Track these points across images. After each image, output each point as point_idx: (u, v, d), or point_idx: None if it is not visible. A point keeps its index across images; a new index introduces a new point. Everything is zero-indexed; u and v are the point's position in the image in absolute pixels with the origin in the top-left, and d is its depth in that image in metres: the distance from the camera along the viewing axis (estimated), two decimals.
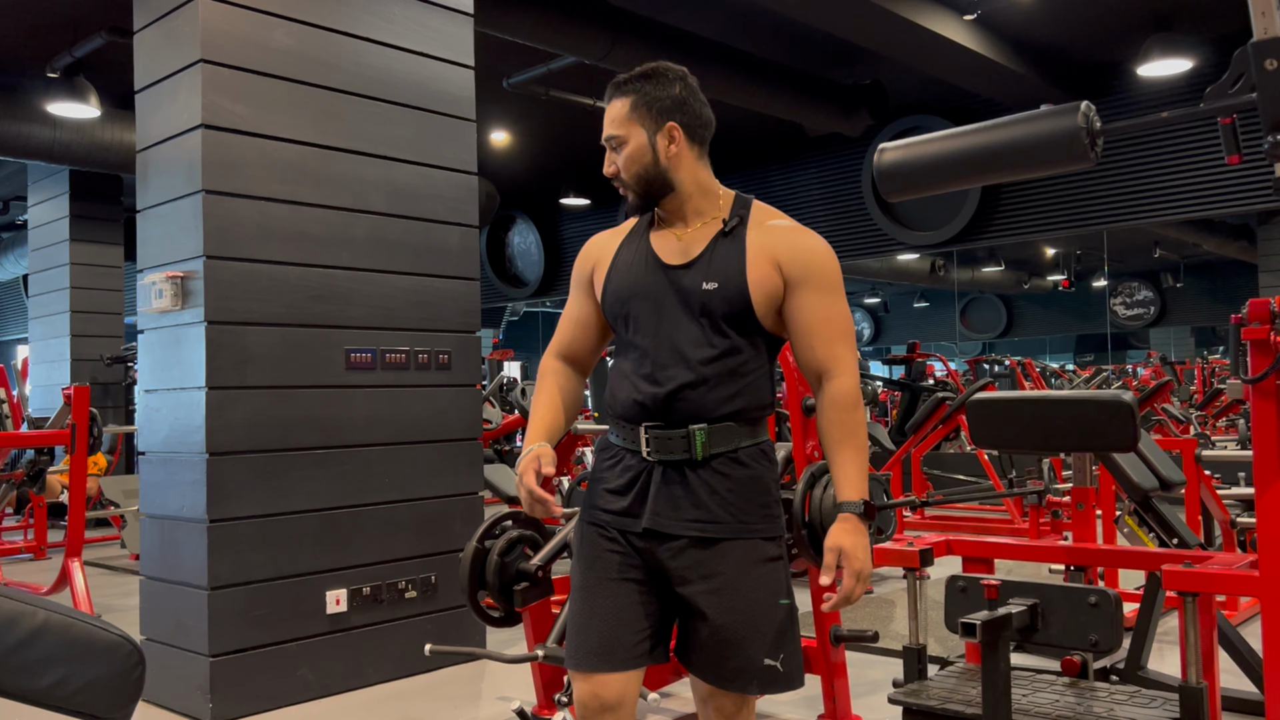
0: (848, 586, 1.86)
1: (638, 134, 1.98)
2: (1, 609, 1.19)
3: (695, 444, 1.93)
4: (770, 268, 1.94)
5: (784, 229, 2.00)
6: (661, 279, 2.00)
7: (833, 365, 1.94)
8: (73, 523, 5.50)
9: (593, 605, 1.99)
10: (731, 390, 1.95)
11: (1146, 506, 3.81)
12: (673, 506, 1.95)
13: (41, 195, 10.26)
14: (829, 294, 1.95)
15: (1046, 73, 8.41)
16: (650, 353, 1.97)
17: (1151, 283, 19.04)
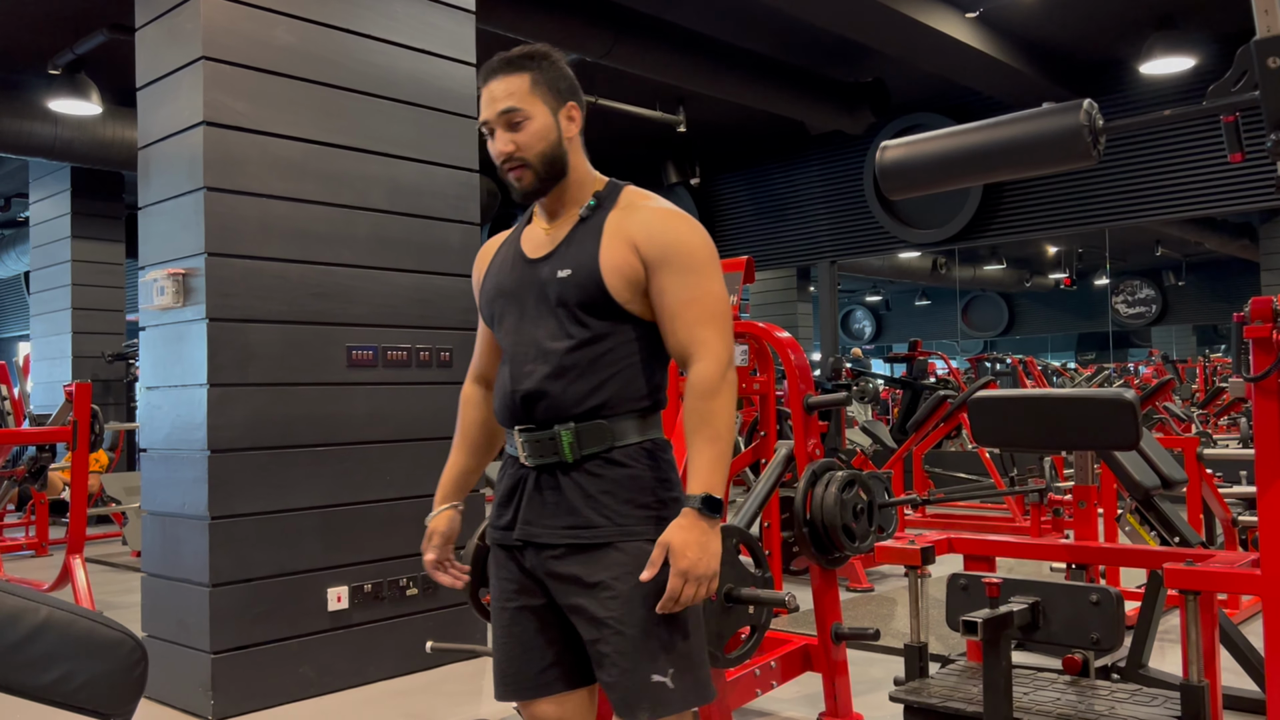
0: (673, 586, 1.71)
1: (542, 111, 1.87)
2: (4, 605, 1.19)
3: (562, 445, 1.82)
4: (627, 250, 1.82)
5: (645, 209, 1.88)
6: (524, 274, 1.91)
7: (694, 349, 1.80)
8: (74, 519, 5.51)
9: (496, 634, 1.96)
10: (594, 383, 1.82)
11: (1148, 505, 3.81)
12: (544, 513, 1.84)
13: (43, 192, 10.27)
14: (691, 274, 1.80)
15: (1048, 70, 8.41)
16: (513, 352, 1.89)
17: (1153, 281, 19.03)
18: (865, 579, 5.74)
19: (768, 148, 11.05)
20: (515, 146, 1.87)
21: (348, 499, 4.03)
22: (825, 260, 11.11)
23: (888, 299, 23.60)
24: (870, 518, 3.44)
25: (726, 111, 9.37)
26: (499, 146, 1.88)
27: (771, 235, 11.21)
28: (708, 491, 1.74)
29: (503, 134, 1.87)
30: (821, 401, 3.54)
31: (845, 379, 8.60)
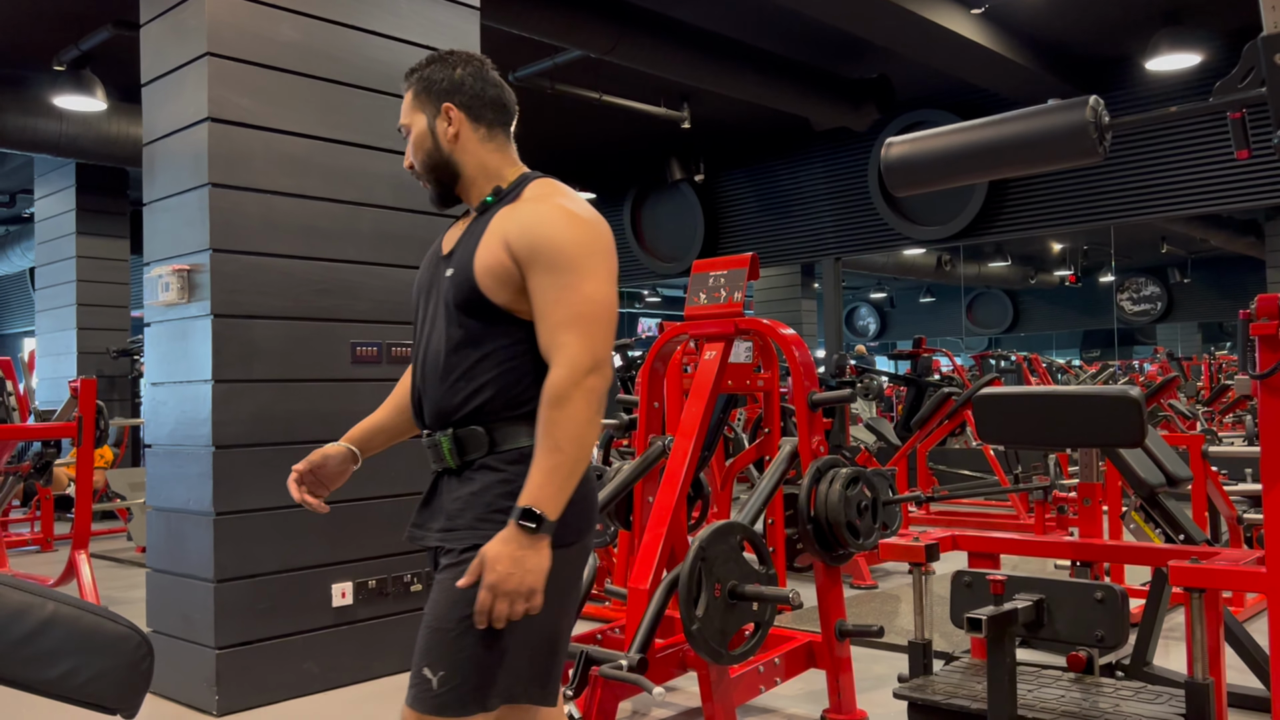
0: (481, 600, 1.64)
1: (419, 119, 1.90)
2: (11, 600, 1.19)
3: (443, 451, 1.79)
4: (500, 247, 1.76)
5: (527, 205, 1.81)
6: (434, 273, 1.91)
7: (552, 354, 1.70)
8: (79, 515, 5.52)
9: None
10: (473, 386, 1.76)
11: (1153, 502, 3.80)
12: (428, 515, 1.85)
13: (48, 188, 10.28)
14: (559, 273, 1.71)
15: (1054, 67, 8.39)
16: (416, 354, 1.88)
17: (1159, 278, 19.00)
18: (869, 576, 5.74)
19: (772, 144, 11.04)
20: (409, 160, 1.93)
21: (352, 495, 4.03)
22: (830, 257, 11.10)
23: (892, 296, 23.58)
24: (874, 515, 3.44)
25: (731, 108, 9.37)
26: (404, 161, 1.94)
27: (776, 232, 11.20)
28: (532, 505, 1.64)
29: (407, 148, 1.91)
30: (826, 398, 3.54)
31: (849, 376, 8.60)
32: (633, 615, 3.13)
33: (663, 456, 3.62)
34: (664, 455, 3.60)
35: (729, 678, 3.17)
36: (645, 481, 3.70)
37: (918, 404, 8.34)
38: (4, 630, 1.18)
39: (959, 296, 21.22)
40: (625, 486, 3.69)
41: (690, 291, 3.70)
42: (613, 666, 2.93)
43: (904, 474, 7.53)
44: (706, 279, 3.67)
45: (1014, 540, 2.85)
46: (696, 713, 3.55)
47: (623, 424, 5.33)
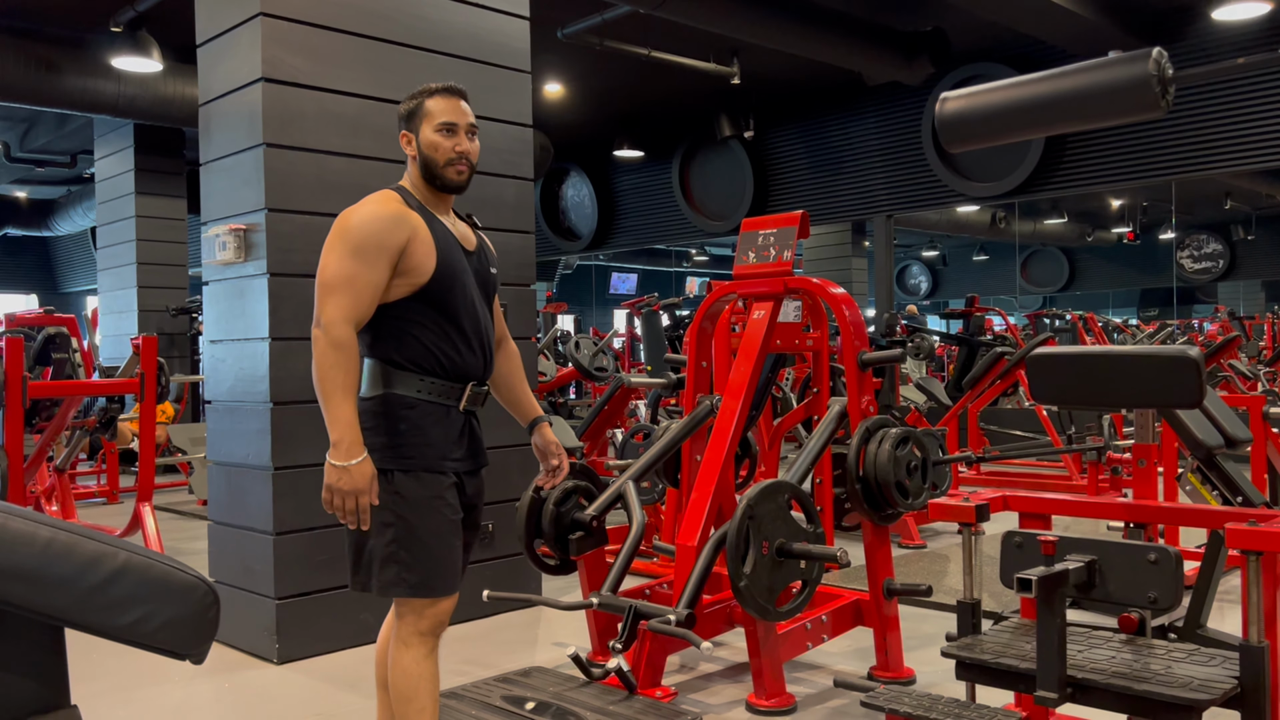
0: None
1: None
2: (86, 549, 1.24)
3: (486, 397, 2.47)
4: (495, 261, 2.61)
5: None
6: (468, 262, 2.44)
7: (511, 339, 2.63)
8: (143, 468, 5.68)
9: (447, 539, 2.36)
10: None
11: (1210, 464, 3.74)
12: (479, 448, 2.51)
13: (107, 149, 10.47)
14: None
15: (1115, 17, 8.13)
16: (471, 322, 2.40)
17: (1221, 235, 18.49)
18: (918, 536, 5.73)
19: (823, 100, 10.87)
20: (475, 155, 2.50)
21: None
22: (881, 215, 10.94)
23: (944, 254, 23.21)
24: (924, 475, 3.43)
25: (781, 63, 9.22)
26: (463, 145, 2.45)
27: (826, 189, 11.06)
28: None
29: (463, 138, 2.45)
30: (876, 358, 3.52)
31: (900, 335, 8.51)
32: (681, 571, 3.17)
33: (710, 416, 3.63)
34: (712, 414, 3.61)
35: (776, 634, 3.20)
36: (693, 440, 3.72)
37: (969, 364, 8.24)
38: (80, 578, 1.23)
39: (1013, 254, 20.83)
40: (673, 445, 3.72)
41: (739, 250, 3.69)
42: (661, 621, 2.97)
43: (954, 434, 7.47)
44: (756, 237, 3.65)
45: (1066, 501, 2.82)
46: (743, 668, 3.59)
47: (670, 383, 5.34)
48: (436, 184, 2.43)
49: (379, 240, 2.28)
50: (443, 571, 2.33)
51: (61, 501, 6.66)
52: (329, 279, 2.27)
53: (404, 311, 2.33)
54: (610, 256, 20.46)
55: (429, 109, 2.42)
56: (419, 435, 2.33)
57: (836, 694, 3.34)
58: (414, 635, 2.33)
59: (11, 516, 1.22)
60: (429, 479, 2.34)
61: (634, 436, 5.34)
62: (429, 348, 2.34)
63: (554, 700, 3.13)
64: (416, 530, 2.31)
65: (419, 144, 2.43)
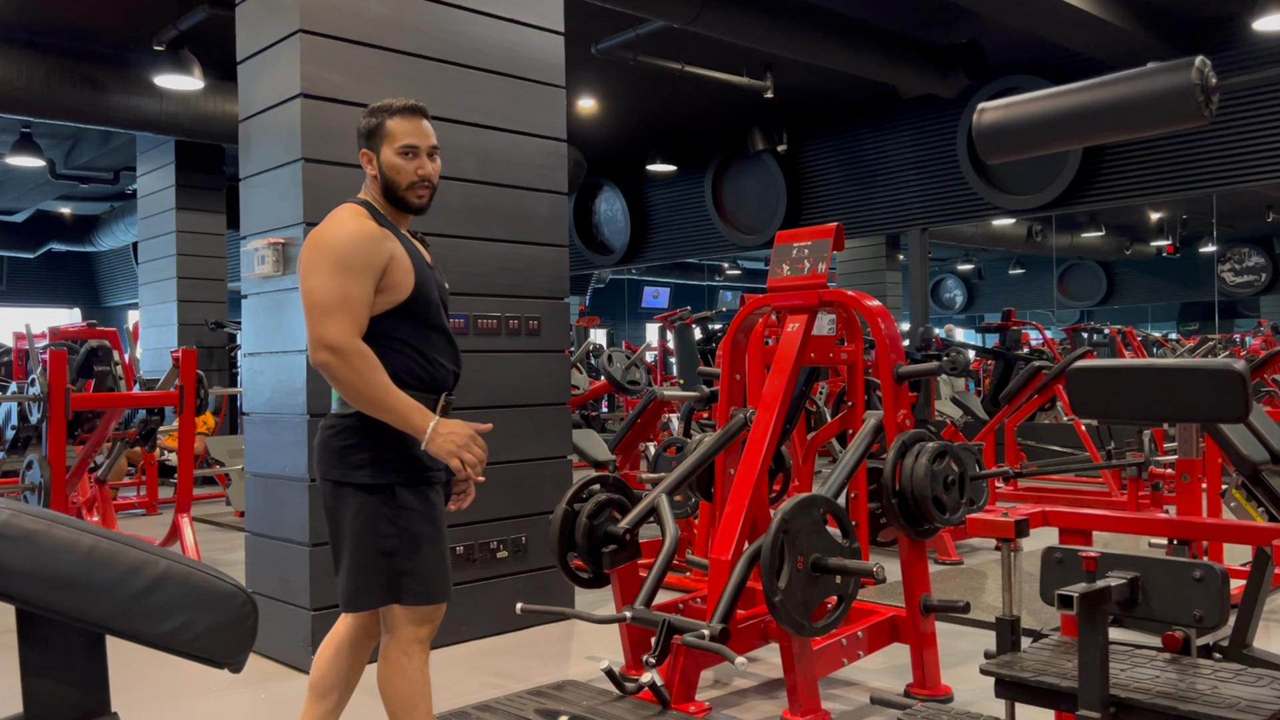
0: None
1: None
2: (127, 557, 1.25)
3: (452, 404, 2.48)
4: None
5: None
6: (436, 276, 2.49)
7: None
8: (182, 480, 5.75)
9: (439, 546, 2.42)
10: None
11: (1256, 480, 3.67)
12: None
13: (149, 165, 10.65)
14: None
15: (1153, 28, 8.04)
16: (445, 336, 2.45)
17: (1264, 248, 18.19)
18: (954, 552, 5.66)
19: (857, 113, 10.84)
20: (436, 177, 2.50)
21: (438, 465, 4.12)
22: (916, 227, 10.87)
23: (980, 267, 23.03)
24: (961, 490, 3.39)
25: (815, 76, 9.22)
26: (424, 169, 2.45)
27: (861, 202, 11.02)
28: None
29: (424, 160, 2.46)
30: (912, 371, 3.49)
31: (935, 349, 8.44)
32: (714, 586, 3.15)
33: (744, 429, 3.61)
34: (745, 428, 3.60)
35: (811, 650, 3.17)
36: (726, 454, 3.70)
37: (1006, 378, 8.16)
38: (121, 585, 1.24)
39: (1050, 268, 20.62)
40: (706, 458, 3.70)
41: (773, 263, 3.68)
42: (695, 635, 2.95)
43: (991, 449, 7.39)
44: (790, 250, 3.64)
45: (1108, 517, 2.78)
46: (778, 684, 3.56)
47: (704, 396, 5.33)
48: (398, 205, 2.45)
49: (365, 258, 2.30)
50: (445, 578, 2.42)
51: (102, 512, 6.75)
52: (322, 300, 2.26)
53: (385, 328, 2.34)
54: (643, 270, 20.49)
55: (390, 130, 2.42)
56: (406, 449, 2.35)
57: (873, 711, 3.30)
58: (414, 643, 2.39)
59: (55, 524, 1.23)
60: (425, 490, 2.40)
61: (667, 450, 5.32)
62: (410, 362, 2.37)
63: (587, 714, 3.12)
64: (422, 541, 2.37)
65: (380, 164, 2.44)
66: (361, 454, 2.33)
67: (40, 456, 5.70)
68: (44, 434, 5.67)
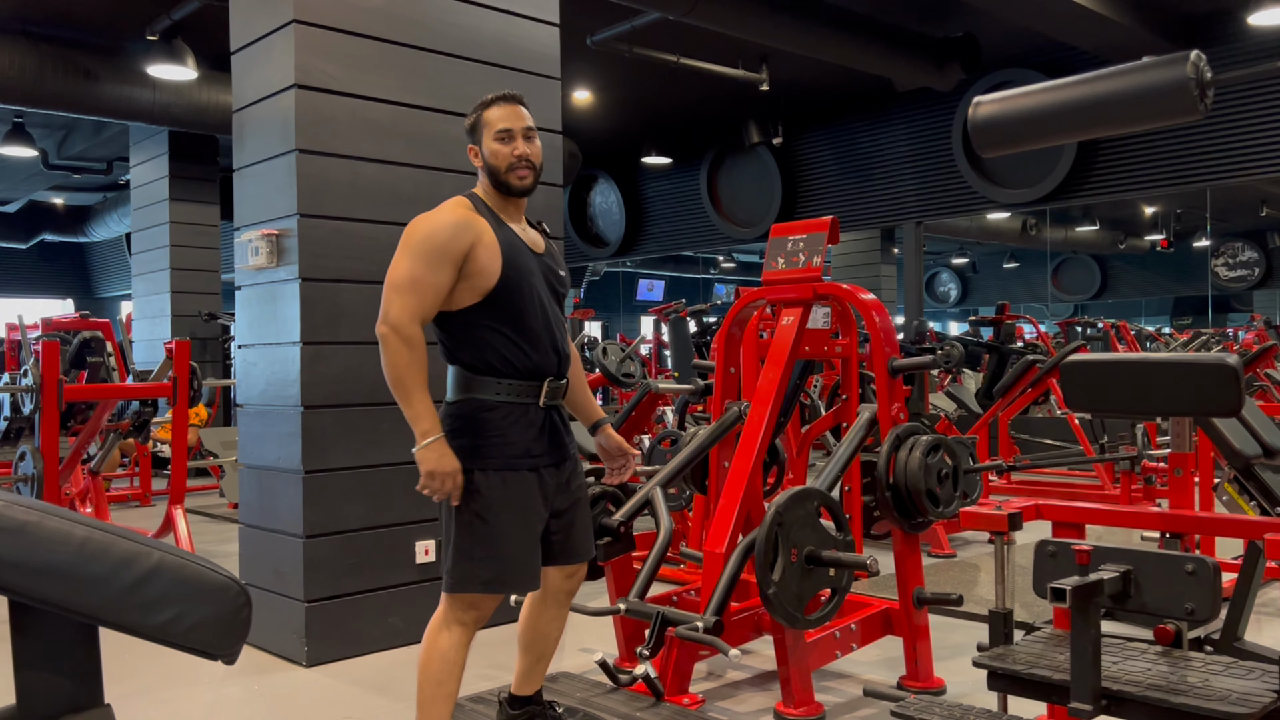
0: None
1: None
2: (120, 548, 1.25)
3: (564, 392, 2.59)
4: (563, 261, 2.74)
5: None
6: (536, 263, 2.54)
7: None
8: (176, 472, 5.74)
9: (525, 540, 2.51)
10: None
11: (1248, 474, 3.68)
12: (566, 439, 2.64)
13: (142, 156, 10.61)
14: None
15: (1148, 23, 8.04)
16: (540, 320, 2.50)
17: (1257, 243, 18.24)
18: (948, 545, 5.68)
19: (853, 106, 10.83)
20: (538, 159, 2.59)
21: None
22: (911, 221, 10.88)
23: (974, 261, 23.05)
24: (955, 483, 3.40)
25: (810, 69, 9.20)
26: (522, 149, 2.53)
27: (856, 195, 11.02)
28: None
29: (522, 142, 2.54)
30: (906, 365, 3.49)
31: (929, 342, 8.45)
32: (708, 578, 3.15)
33: (739, 422, 3.62)
34: (740, 421, 3.60)
35: (804, 642, 3.18)
36: (721, 446, 3.71)
37: (1000, 372, 8.17)
38: (114, 577, 1.24)
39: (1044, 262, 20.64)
40: (701, 451, 3.70)
41: (768, 256, 3.67)
42: (688, 628, 2.95)
43: (985, 443, 7.40)
44: (785, 243, 3.64)
45: (1101, 510, 2.78)
46: (771, 676, 3.57)
47: (699, 389, 5.33)
48: (503, 190, 2.54)
49: (442, 245, 2.40)
50: (516, 569, 2.47)
51: (95, 504, 6.74)
52: (396, 280, 2.39)
53: (477, 318, 2.46)
54: (638, 263, 20.48)
55: (487, 119, 2.54)
56: (499, 435, 2.45)
57: (865, 703, 3.31)
58: (456, 624, 2.49)
59: (47, 515, 1.23)
60: (510, 478, 2.46)
61: (661, 443, 5.33)
62: (502, 351, 2.46)
63: (581, 706, 3.12)
64: (493, 528, 2.44)
65: (483, 154, 2.55)
66: (456, 440, 2.43)
67: (33, 448, 5.68)
68: (37, 425, 5.66)
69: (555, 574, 2.68)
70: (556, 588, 2.71)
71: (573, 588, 2.73)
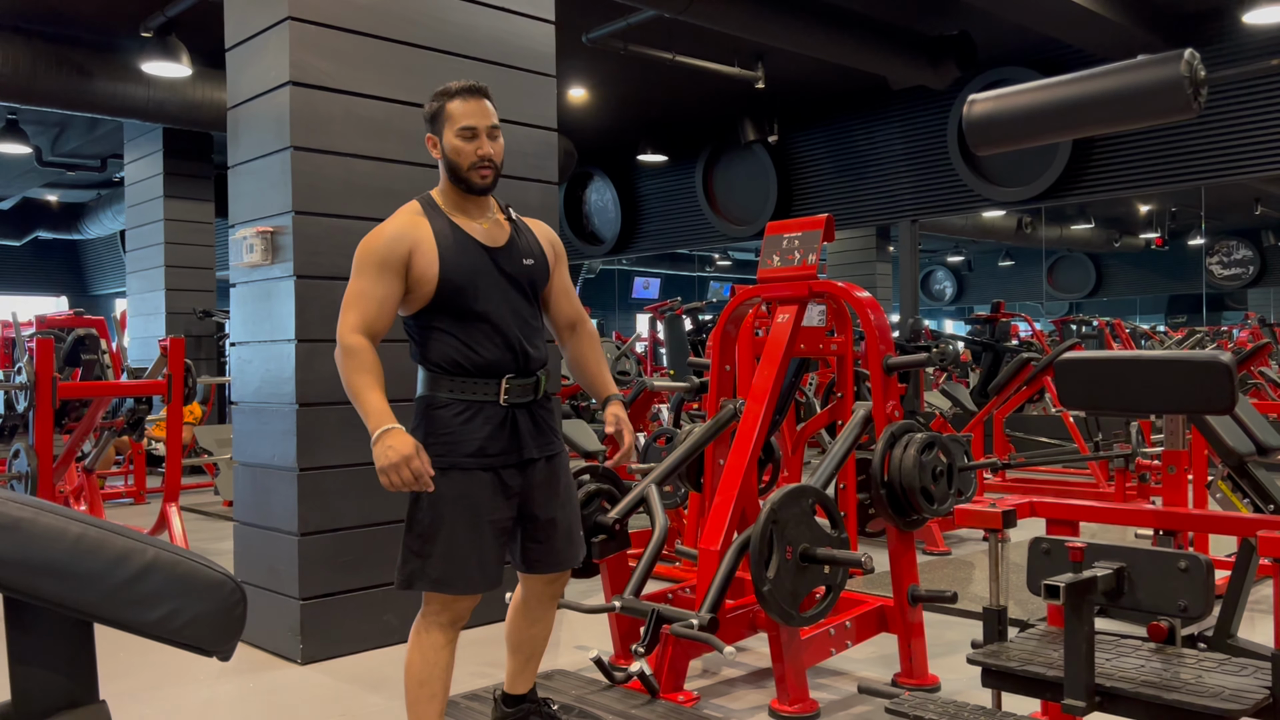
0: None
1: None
2: (115, 545, 1.25)
3: (539, 387, 2.53)
4: (549, 249, 2.67)
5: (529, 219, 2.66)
6: (489, 258, 2.48)
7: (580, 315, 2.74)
8: (170, 469, 5.73)
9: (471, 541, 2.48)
10: (542, 343, 2.59)
11: (1242, 472, 3.69)
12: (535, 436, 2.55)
13: (137, 153, 10.58)
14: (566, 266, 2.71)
15: (1143, 21, 8.06)
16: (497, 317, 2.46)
17: (1251, 241, 18.27)
18: (942, 542, 5.69)
19: (848, 103, 10.83)
20: (499, 157, 2.52)
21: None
22: (906, 219, 10.89)
23: (970, 259, 23.07)
24: (950, 481, 3.40)
25: (806, 67, 9.21)
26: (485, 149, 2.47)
27: (851, 193, 11.02)
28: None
29: (485, 141, 2.48)
30: (902, 362, 3.50)
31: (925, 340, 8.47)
32: (703, 576, 3.16)
33: (734, 420, 3.62)
34: (735, 419, 3.60)
35: (799, 639, 3.19)
36: (716, 444, 3.71)
37: (995, 370, 8.19)
38: (109, 573, 1.24)
39: (1039, 260, 20.67)
40: (696, 449, 3.71)
41: (763, 254, 3.68)
42: (684, 625, 2.96)
43: (980, 440, 7.42)
44: (780, 241, 3.64)
45: (1095, 508, 2.79)
46: (766, 673, 3.57)
47: (694, 387, 5.33)
48: (462, 187, 2.49)
49: (381, 259, 2.41)
50: (463, 570, 2.43)
51: (89, 501, 6.72)
52: (345, 297, 2.44)
53: (428, 319, 2.47)
54: (633, 261, 20.48)
55: (450, 112, 2.47)
56: (448, 433, 2.43)
57: (860, 700, 3.32)
58: (434, 625, 2.49)
59: (42, 512, 1.23)
60: (458, 477, 2.42)
61: (656, 440, 5.33)
62: (450, 350, 2.45)
63: (576, 703, 3.13)
64: (440, 527, 2.42)
65: (443, 148, 2.50)
66: (413, 435, 2.41)
67: (27, 445, 5.67)
68: (31, 422, 5.64)
69: (536, 580, 2.65)
70: (538, 592, 2.67)
71: (556, 592, 2.69)
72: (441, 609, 2.47)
